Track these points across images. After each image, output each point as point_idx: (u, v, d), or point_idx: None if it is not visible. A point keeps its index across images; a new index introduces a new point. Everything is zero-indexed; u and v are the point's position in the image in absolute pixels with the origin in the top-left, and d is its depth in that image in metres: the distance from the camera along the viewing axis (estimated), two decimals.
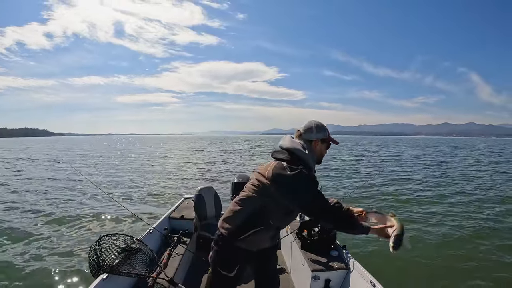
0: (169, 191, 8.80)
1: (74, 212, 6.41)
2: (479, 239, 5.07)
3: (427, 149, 37.18)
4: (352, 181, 10.94)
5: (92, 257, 1.95)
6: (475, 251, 4.59)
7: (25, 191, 8.83)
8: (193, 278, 2.76)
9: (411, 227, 5.62)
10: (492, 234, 5.35)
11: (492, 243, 4.90)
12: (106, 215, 6.17)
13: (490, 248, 4.71)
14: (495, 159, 23.09)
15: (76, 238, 4.88)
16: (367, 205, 5.18)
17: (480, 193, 8.99)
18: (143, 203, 7.38)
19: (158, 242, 2.96)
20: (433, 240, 5.02)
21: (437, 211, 6.83)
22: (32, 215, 6.18)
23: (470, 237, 5.15)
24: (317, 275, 2.23)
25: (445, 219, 6.16)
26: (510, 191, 9.38)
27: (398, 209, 6.85)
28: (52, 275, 3.65)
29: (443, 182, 10.81)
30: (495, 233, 5.39)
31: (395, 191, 9.08)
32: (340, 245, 2.55)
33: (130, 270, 1.93)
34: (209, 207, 3.28)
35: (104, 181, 10.76)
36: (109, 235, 2.11)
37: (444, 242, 4.93)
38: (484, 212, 6.76)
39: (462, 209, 7.02)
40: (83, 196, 7.98)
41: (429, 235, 5.21)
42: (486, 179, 11.97)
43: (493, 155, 28.19)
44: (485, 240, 5.03)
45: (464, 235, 5.25)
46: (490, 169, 15.81)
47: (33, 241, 4.72)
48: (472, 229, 5.55)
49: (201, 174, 12.69)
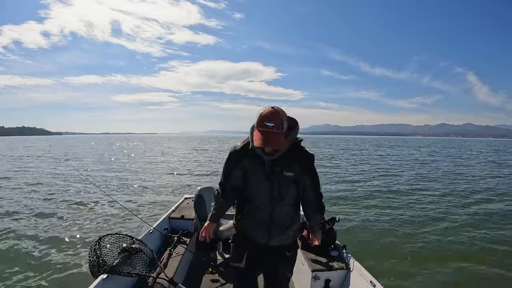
0: (169, 191, 8.81)
1: (73, 212, 6.40)
2: (478, 238, 5.08)
3: (422, 149, 37.11)
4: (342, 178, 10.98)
5: (92, 257, 1.95)
6: (475, 251, 4.59)
7: (23, 191, 8.83)
8: (193, 278, 2.76)
9: (409, 226, 5.64)
10: (491, 232, 5.37)
11: (491, 243, 4.91)
12: (106, 215, 6.17)
13: (491, 247, 4.71)
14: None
15: (76, 238, 4.88)
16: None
17: (474, 189, 9.01)
18: (143, 203, 7.37)
19: (158, 242, 2.96)
20: (433, 239, 5.02)
21: (438, 210, 6.84)
22: (31, 215, 6.17)
23: (469, 236, 5.16)
24: (317, 275, 2.23)
25: (445, 219, 6.17)
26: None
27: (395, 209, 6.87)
28: (52, 275, 3.65)
29: (440, 182, 10.83)
30: (495, 232, 5.40)
31: (386, 191, 9.09)
32: (340, 245, 2.55)
33: (130, 270, 1.93)
34: (209, 207, 3.26)
35: (104, 181, 10.76)
36: (109, 235, 2.11)
37: (443, 242, 4.93)
38: (483, 210, 6.78)
39: (464, 208, 7.04)
40: (82, 196, 7.98)
41: (429, 235, 5.21)
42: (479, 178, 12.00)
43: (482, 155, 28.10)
44: (485, 238, 5.04)
45: (464, 235, 5.25)
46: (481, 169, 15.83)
47: (32, 241, 4.72)
48: (472, 229, 5.56)
49: (201, 174, 12.69)
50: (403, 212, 6.71)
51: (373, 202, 7.55)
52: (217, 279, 2.72)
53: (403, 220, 6.08)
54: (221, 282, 2.67)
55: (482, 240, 5.01)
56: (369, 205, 7.20)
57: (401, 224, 5.79)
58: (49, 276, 3.64)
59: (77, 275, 3.65)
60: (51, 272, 3.72)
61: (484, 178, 12.38)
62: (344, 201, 7.41)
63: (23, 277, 3.62)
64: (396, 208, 7.05)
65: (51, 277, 3.62)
